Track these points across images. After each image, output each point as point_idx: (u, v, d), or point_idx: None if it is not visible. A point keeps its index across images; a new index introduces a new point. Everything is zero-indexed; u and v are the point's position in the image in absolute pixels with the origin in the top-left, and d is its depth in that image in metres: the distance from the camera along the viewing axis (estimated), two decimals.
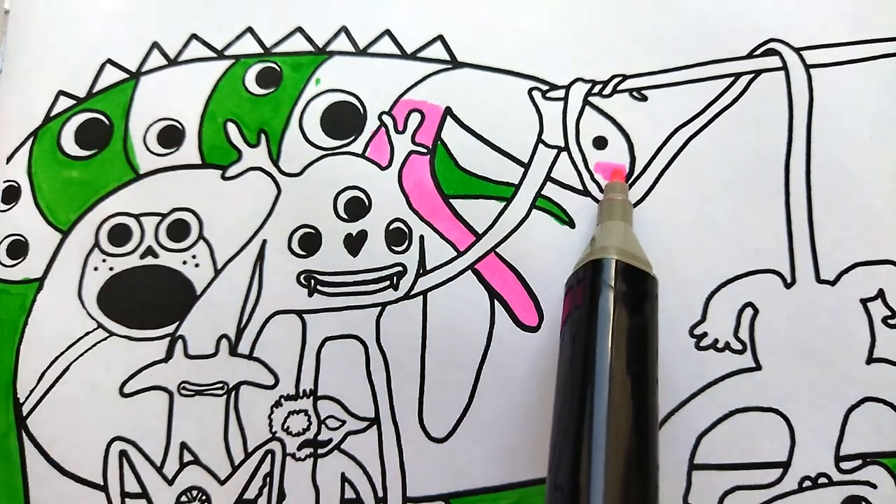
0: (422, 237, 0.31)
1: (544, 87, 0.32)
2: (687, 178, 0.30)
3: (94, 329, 0.31)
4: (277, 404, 0.30)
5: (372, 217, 0.31)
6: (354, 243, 0.31)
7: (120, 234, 0.32)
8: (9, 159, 0.33)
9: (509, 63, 0.32)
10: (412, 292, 0.30)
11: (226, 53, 0.33)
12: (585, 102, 0.31)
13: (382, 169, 0.32)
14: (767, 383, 0.28)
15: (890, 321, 0.29)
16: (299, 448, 0.30)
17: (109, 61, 0.34)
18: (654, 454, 0.23)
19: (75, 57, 0.34)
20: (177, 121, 0.33)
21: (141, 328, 0.31)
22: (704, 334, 0.29)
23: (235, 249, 0.31)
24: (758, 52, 0.31)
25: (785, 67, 0.31)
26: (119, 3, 0.34)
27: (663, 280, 0.27)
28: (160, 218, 0.32)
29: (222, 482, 0.30)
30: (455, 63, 0.32)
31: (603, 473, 0.22)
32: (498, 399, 0.29)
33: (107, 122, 0.33)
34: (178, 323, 0.31)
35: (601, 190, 0.31)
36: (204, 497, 0.29)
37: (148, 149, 0.33)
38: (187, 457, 0.30)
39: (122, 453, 0.30)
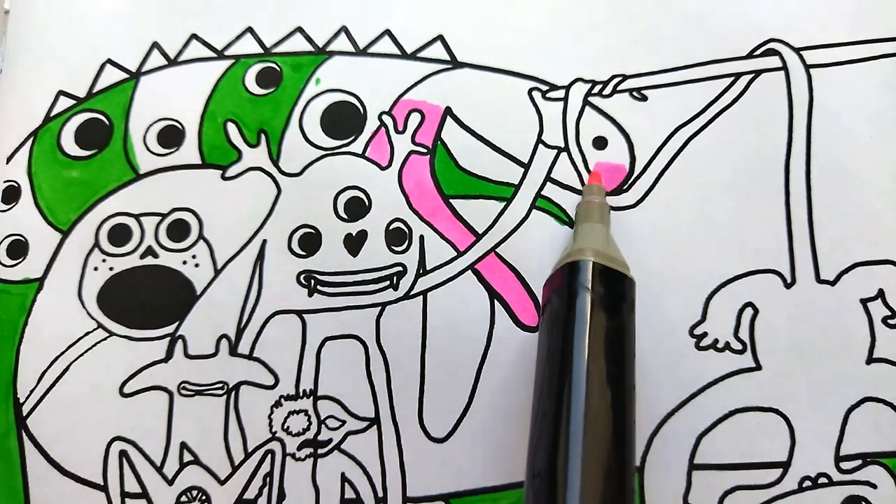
0: (422, 237, 0.31)
1: (544, 88, 0.32)
2: (687, 178, 0.30)
3: (94, 329, 0.31)
4: (277, 404, 0.30)
5: (372, 217, 0.31)
6: (354, 243, 0.31)
7: (120, 234, 0.32)
8: (9, 159, 0.33)
9: (509, 63, 0.32)
10: (412, 292, 0.30)
11: (226, 53, 0.33)
12: (585, 102, 0.31)
13: (382, 169, 0.32)
14: (767, 383, 0.28)
15: (890, 321, 0.29)
16: (299, 448, 0.30)
17: (109, 61, 0.34)
18: (631, 439, 0.24)
19: (75, 57, 0.34)
20: (177, 121, 0.33)
21: (141, 328, 0.31)
22: (704, 334, 0.29)
23: (235, 249, 0.31)
24: (758, 52, 0.31)
25: (785, 67, 0.31)
26: (119, 3, 0.34)
27: (663, 280, 0.27)
28: (160, 218, 0.32)
29: (222, 482, 0.29)
30: (455, 63, 0.32)
31: (580, 455, 0.22)
32: (498, 399, 0.29)
33: (107, 122, 0.33)
34: (178, 323, 0.31)
35: None
36: (204, 497, 0.29)
37: (148, 149, 0.33)
38: (187, 457, 0.30)
39: (122, 453, 0.30)
